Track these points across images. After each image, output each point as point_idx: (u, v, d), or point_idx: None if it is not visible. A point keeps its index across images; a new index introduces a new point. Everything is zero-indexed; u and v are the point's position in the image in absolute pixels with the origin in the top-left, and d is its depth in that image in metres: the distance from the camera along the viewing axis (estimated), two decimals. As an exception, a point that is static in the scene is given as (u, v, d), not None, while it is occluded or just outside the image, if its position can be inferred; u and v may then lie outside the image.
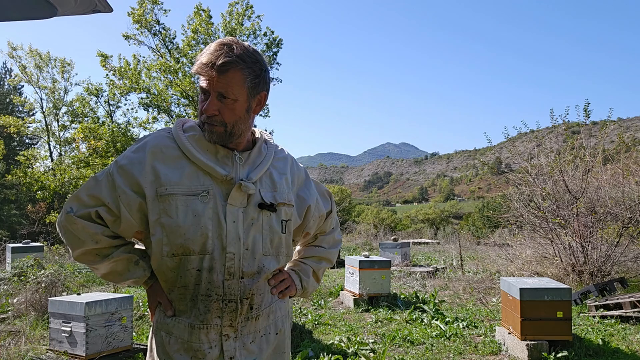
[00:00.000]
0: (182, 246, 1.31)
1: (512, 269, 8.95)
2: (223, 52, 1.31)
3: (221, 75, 1.31)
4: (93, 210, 1.35)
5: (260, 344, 1.42)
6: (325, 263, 1.71)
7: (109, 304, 4.31)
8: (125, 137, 18.06)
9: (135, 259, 1.42)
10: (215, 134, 1.36)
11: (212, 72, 1.30)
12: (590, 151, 8.93)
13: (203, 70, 1.32)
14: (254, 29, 19.42)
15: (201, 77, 1.34)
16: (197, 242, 1.31)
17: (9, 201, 24.04)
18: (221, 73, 1.30)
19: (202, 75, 1.33)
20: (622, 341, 5.12)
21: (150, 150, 1.36)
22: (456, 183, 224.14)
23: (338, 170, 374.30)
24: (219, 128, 1.36)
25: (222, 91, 1.32)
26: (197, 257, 1.32)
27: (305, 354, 4.47)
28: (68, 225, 1.37)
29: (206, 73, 1.31)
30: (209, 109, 1.33)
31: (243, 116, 1.38)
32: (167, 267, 1.34)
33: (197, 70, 1.34)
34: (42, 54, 24.00)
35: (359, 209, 47.92)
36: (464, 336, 5.38)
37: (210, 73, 1.31)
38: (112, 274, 1.44)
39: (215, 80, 1.31)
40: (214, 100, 1.33)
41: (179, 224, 1.31)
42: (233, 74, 1.32)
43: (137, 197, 1.33)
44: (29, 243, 10.39)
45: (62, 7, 1.28)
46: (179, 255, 1.32)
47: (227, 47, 1.32)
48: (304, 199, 1.56)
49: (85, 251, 1.39)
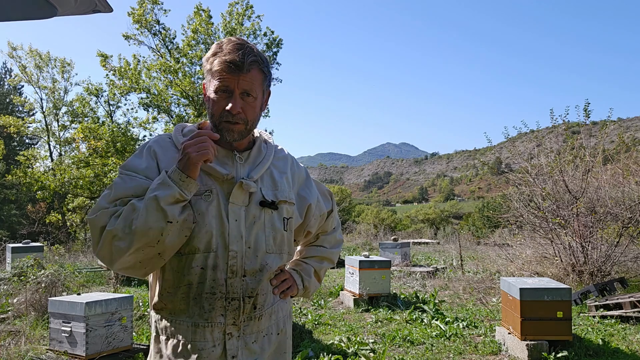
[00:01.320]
0: (188, 244, 1.33)
1: (512, 269, 8.95)
2: (245, 50, 1.33)
3: (247, 73, 1.33)
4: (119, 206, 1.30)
5: (262, 344, 1.43)
6: (327, 263, 1.72)
7: (109, 304, 4.31)
8: (125, 137, 18.05)
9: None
10: (237, 132, 1.38)
11: (238, 71, 1.32)
12: (590, 151, 8.93)
13: (228, 69, 1.32)
14: (254, 29, 19.42)
15: (221, 76, 1.33)
16: (202, 240, 1.33)
17: (9, 201, 24.04)
18: (247, 72, 1.33)
19: (226, 74, 1.33)
20: (622, 341, 5.12)
21: (153, 152, 1.39)
22: (456, 183, 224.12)
23: (338, 170, 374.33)
24: (241, 126, 1.37)
25: (247, 89, 1.35)
26: (202, 255, 1.33)
27: (305, 354, 4.47)
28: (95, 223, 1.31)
29: (232, 71, 1.32)
30: (235, 106, 1.34)
31: (259, 114, 1.43)
32: (173, 266, 1.35)
33: (220, 68, 1.33)
34: (42, 54, 23.97)
35: (359, 209, 47.92)
36: (464, 336, 5.38)
37: (236, 71, 1.32)
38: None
39: (241, 79, 1.33)
40: (239, 98, 1.35)
41: None
42: (256, 73, 1.36)
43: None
44: (29, 243, 10.39)
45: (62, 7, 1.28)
46: (185, 253, 1.33)
47: (246, 46, 1.34)
48: (305, 198, 1.57)
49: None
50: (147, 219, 1.23)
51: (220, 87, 1.34)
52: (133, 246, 1.23)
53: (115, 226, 1.24)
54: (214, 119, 1.38)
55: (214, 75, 1.35)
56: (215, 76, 1.34)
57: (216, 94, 1.36)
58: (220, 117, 1.36)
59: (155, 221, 1.23)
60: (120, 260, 1.26)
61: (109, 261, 1.28)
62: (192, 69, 18.76)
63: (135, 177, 1.33)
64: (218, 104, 1.36)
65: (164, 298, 1.39)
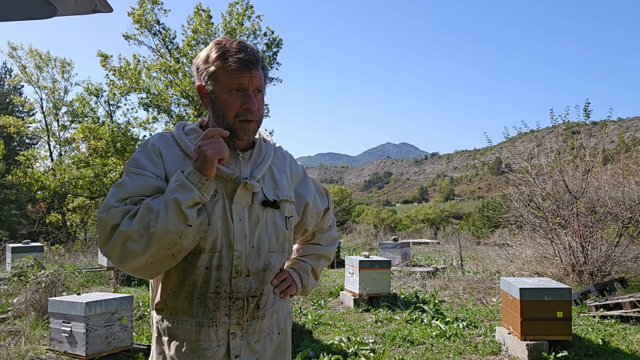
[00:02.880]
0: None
1: (512, 269, 8.95)
2: (251, 49, 1.36)
3: (257, 71, 1.36)
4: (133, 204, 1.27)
5: (264, 343, 1.43)
6: (324, 260, 1.72)
7: (109, 304, 4.31)
8: (125, 137, 18.05)
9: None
10: (251, 130, 1.40)
11: (253, 68, 1.34)
12: (590, 151, 8.93)
13: (245, 67, 1.34)
14: (254, 29, 19.42)
15: (236, 74, 1.34)
16: (208, 240, 1.32)
17: (9, 201, 24.04)
18: (258, 69, 1.36)
19: (241, 73, 1.33)
20: (622, 341, 5.12)
21: (157, 150, 1.38)
22: (456, 183, 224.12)
23: (338, 170, 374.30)
24: (254, 124, 1.40)
25: (259, 86, 1.38)
26: (207, 255, 1.33)
27: (305, 353, 4.47)
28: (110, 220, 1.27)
29: (247, 69, 1.34)
30: (254, 104, 1.36)
31: (263, 110, 1.45)
32: (177, 265, 1.34)
33: (237, 67, 1.33)
34: (42, 54, 23.95)
35: (359, 209, 47.92)
36: (464, 336, 5.38)
37: (249, 69, 1.34)
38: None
39: (254, 76, 1.35)
40: (253, 95, 1.37)
41: None
42: (262, 70, 1.40)
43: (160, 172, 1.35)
44: (29, 243, 10.38)
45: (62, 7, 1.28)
46: (191, 253, 1.33)
47: (247, 44, 1.38)
48: (302, 196, 1.57)
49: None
50: (168, 222, 1.20)
51: (235, 86, 1.34)
52: (149, 249, 1.21)
53: (130, 227, 1.21)
54: (227, 120, 1.36)
55: (227, 74, 1.34)
56: (230, 75, 1.34)
57: (230, 93, 1.35)
58: (237, 117, 1.36)
59: (176, 225, 1.21)
60: (133, 262, 1.24)
61: (119, 261, 1.25)
62: (192, 69, 18.77)
63: (144, 176, 1.31)
64: (233, 104, 1.35)
65: (167, 298, 1.39)
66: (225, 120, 1.37)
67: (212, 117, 1.41)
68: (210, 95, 1.38)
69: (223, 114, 1.36)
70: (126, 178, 1.32)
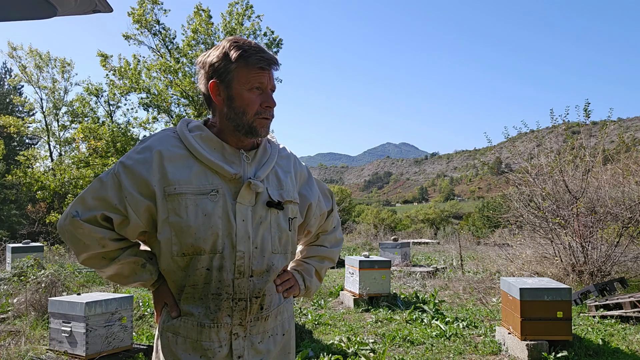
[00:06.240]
0: (193, 246, 1.31)
1: (512, 269, 8.95)
2: (268, 49, 1.41)
3: (274, 71, 1.41)
4: (99, 213, 1.33)
5: (268, 344, 1.43)
6: (328, 262, 1.71)
7: (109, 304, 4.31)
8: (125, 137, 18.07)
9: (142, 262, 1.41)
10: (268, 127, 1.43)
11: (272, 67, 1.38)
12: (590, 151, 8.93)
13: (267, 65, 1.37)
14: (254, 29, 19.43)
15: (258, 73, 1.36)
16: (207, 242, 1.31)
17: (9, 201, 24.04)
18: (274, 70, 1.41)
19: (262, 71, 1.36)
20: (622, 341, 5.12)
21: (156, 149, 1.34)
22: (456, 183, 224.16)
23: (338, 170, 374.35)
24: (270, 121, 1.42)
25: (274, 86, 1.41)
26: (207, 256, 1.32)
27: (305, 354, 4.47)
28: (73, 230, 1.35)
29: (267, 67, 1.37)
30: (274, 102, 1.40)
31: None
32: (177, 267, 1.34)
33: (259, 66, 1.35)
34: (42, 54, 23.96)
35: (359, 209, 47.94)
36: (464, 336, 5.38)
37: (268, 68, 1.38)
38: (119, 277, 1.44)
39: (272, 76, 1.40)
40: (270, 92, 1.41)
41: (189, 224, 1.30)
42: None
43: (144, 199, 1.31)
44: (29, 243, 10.39)
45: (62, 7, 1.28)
46: (190, 254, 1.32)
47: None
48: (306, 197, 1.56)
49: (91, 255, 1.38)
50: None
51: (257, 83, 1.36)
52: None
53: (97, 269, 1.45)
54: (248, 117, 1.36)
55: (249, 72, 1.35)
56: (252, 73, 1.35)
57: (251, 91, 1.36)
58: (257, 114, 1.37)
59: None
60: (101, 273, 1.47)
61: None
62: (192, 69, 18.76)
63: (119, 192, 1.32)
64: (254, 101, 1.36)
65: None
66: (245, 117, 1.36)
67: (225, 115, 1.38)
68: (227, 92, 1.37)
69: (244, 111, 1.36)
70: (109, 180, 1.34)
